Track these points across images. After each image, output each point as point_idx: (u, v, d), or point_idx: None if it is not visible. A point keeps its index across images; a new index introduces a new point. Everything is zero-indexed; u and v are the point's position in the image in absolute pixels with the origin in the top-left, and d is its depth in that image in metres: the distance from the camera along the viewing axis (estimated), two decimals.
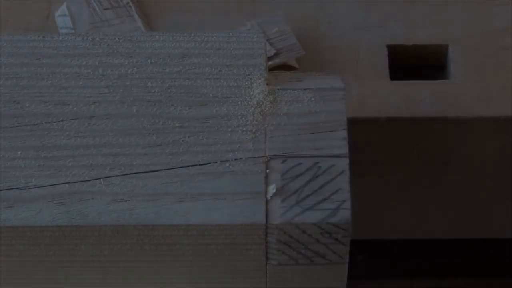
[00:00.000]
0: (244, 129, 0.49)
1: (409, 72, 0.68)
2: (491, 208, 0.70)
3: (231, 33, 0.53)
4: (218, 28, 0.67)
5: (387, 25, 0.68)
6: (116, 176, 0.48)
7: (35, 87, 0.51)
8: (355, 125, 0.53)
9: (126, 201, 0.47)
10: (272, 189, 0.47)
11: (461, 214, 0.70)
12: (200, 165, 0.48)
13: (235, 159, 0.48)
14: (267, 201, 0.47)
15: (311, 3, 0.70)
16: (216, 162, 0.48)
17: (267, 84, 0.50)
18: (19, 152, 0.48)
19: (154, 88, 0.50)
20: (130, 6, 0.68)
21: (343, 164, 0.48)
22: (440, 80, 0.66)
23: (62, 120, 0.49)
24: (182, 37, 0.52)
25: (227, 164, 0.48)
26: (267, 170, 0.48)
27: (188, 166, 0.48)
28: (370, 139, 0.64)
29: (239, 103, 0.50)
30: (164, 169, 0.48)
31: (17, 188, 0.47)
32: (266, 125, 0.49)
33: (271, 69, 0.62)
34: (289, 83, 0.51)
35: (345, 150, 0.48)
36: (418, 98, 0.65)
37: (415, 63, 0.69)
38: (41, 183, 0.48)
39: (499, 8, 0.69)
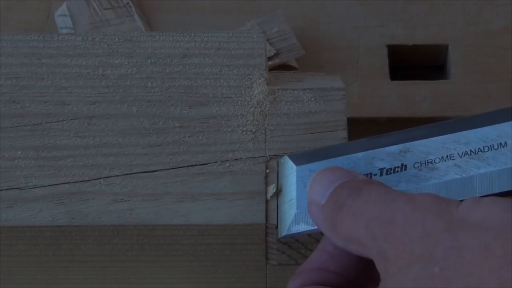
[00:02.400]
0: (244, 129, 0.49)
1: (409, 72, 0.68)
2: None
3: (231, 33, 0.53)
4: (218, 28, 0.67)
5: (387, 25, 0.68)
6: (116, 176, 0.48)
7: (35, 87, 0.51)
8: (355, 125, 0.53)
9: (126, 201, 0.47)
10: (272, 189, 0.47)
11: None
12: (200, 165, 0.48)
13: (235, 159, 0.48)
14: (267, 201, 0.47)
15: (311, 3, 0.70)
16: (216, 162, 0.48)
17: (267, 84, 0.50)
18: (19, 152, 0.48)
19: (154, 88, 0.50)
20: (130, 6, 0.68)
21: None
22: (440, 80, 0.67)
23: (62, 120, 0.49)
24: (182, 37, 0.52)
25: (227, 164, 0.48)
26: (267, 170, 0.48)
27: (188, 166, 0.48)
28: None
29: (239, 103, 0.50)
30: (164, 169, 0.48)
31: (17, 188, 0.47)
32: (266, 125, 0.49)
33: (271, 69, 0.62)
34: (289, 83, 0.51)
35: None
36: (418, 98, 0.65)
37: (415, 63, 0.69)
38: (41, 183, 0.48)
39: (499, 8, 0.69)
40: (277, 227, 0.46)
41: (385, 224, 0.38)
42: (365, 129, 0.63)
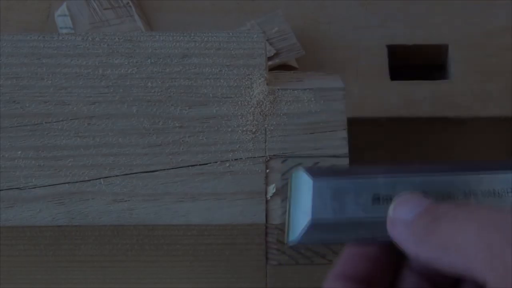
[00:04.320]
0: (244, 129, 0.49)
1: (409, 72, 0.68)
2: None
3: (231, 33, 0.53)
4: (218, 28, 0.67)
5: (387, 25, 0.68)
6: (116, 176, 0.48)
7: (35, 87, 0.51)
8: (355, 125, 0.53)
9: (126, 201, 0.47)
10: (272, 189, 0.47)
11: None
12: (200, 165, 0.48)
13: (235, 159, 0.48)
14: (267, 201, 0.47)
15: (311, 3, 0.70)
16: (216, 162, 0.48)
17: (267, 84, 0.50)
18: (19, 152, 0.48)
19: (154, 88, 0.50)
20: (130, 6, 0.68)
21: (343, 164, 0.48)
22: (440, 80, 0.67)
23: (62, 120, 0.49)
24: (182, 37, 0.52)
25: (227, 164, 0.48)
26: (267, 170, 0.48)
27: (188, 166, 0.48)
28: (370, 139, 0.64)
29: (239, 103, 0.50)
30: (164, 169, 0.48)
31: (17, 188, 0.47)
32: (266, 125, 0.49)
33: (271, 69, 0.62)
34: (289, 83, 0.51)
35: (345, 150, 0.48)
36: (418, 98, 0.65)
37: (415, 63, 0.69)
38: (41, 183, 0.48)
39: (499, 8, 0.69)
40: (286, 232, 0.45)
41: (506, 230, 0.35)
42: (365, 129, 0.63)
